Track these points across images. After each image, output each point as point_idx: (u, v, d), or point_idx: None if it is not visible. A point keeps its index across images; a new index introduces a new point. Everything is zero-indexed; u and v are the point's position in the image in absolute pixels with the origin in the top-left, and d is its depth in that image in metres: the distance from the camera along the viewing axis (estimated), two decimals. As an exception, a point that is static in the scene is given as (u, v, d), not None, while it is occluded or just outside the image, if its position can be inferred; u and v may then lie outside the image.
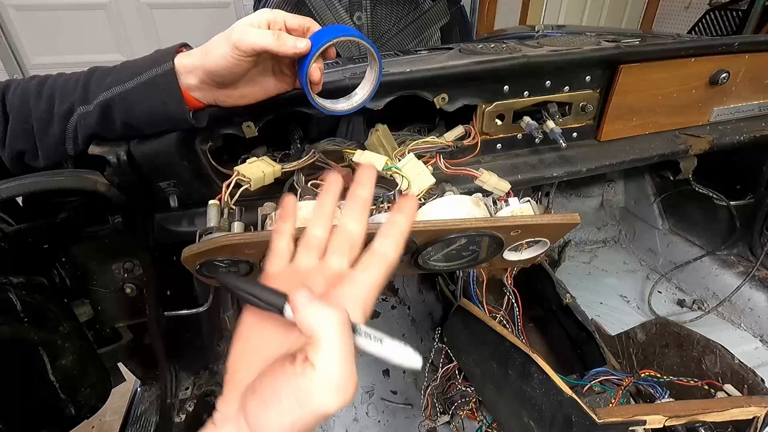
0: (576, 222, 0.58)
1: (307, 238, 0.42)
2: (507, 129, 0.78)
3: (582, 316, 0.96)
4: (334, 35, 0.52)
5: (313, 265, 0.40)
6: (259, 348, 0.36)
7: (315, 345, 0.30)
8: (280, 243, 0.43)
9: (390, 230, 0.39)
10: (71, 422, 0.69)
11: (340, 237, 0.41)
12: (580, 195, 1.49)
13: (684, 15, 3.37)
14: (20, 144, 0.56)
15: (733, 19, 2.97)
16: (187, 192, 0.65)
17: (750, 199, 1.12)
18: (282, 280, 0.40)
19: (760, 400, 0.66)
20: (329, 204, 0.43)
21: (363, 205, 0.42)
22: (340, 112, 0.59)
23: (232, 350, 0.37)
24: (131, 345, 0.81)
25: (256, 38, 0.49)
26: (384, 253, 0.38)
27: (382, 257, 0.38)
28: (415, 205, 0.42)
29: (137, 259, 0.71)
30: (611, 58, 0.77)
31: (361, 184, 0.42)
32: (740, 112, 0.94)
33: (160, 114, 0.54)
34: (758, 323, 1.12)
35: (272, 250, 0.43)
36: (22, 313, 0.60)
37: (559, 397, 0.68)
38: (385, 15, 1.69)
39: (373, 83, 0.58)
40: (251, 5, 1.97)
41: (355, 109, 0.59)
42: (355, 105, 0.59)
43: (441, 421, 0.99)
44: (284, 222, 0.44)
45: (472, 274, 0.97)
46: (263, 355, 0.35)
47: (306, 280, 0.39)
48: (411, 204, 0.41)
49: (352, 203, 0.42)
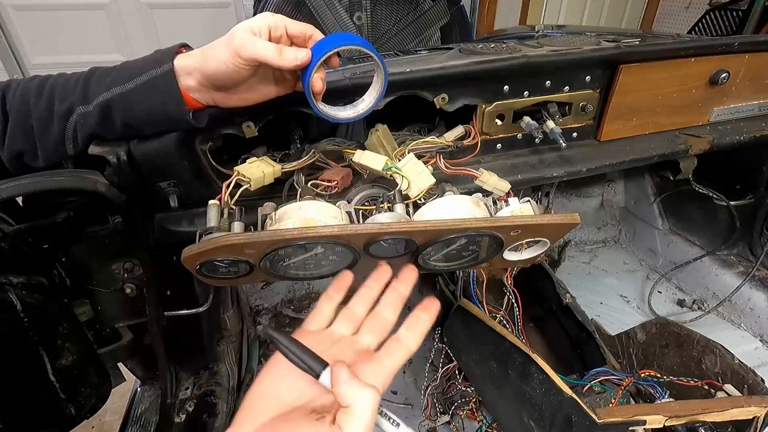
0: (576, 222, 0.58)
1: (348, 311, 0.49)
2: (507, 129, 0.78)
3: (582, 316, 0.96)
4: (334, 45, 0.51)
5: (347, 335, 0.47)
6: (282, 393, 0.40)
7: (348, 414, 0.36)
8: (325, 307, 0.50)
9: (416, 325, 0.46)
10: (71, 422, 0.69)
11: (376, 320, 0.48)
12: (580, 195, 1.49)
13: (684, 15, 3.37)
14: (20, 144, 0.56)
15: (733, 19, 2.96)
16: (187, 192, 0.65)
17: (750, 199, 1.12)
18: (316, 340, 0.45)
19: (760, 400, 0.66)
20: (375, 290, 0.51)
21: (400, 300, 0.50)
22: (345, 120, 0.59)
23: (255, 387, 0.41)
24: (131, 345, 0.81)
25: (257, 49, 0.49)
26: (407, 344, 0.45)
27: (406, 347, 0.45)
28: (437, 308, 0.49)
29: (137, 259, 0.71)
30: (611, 58, 0.77)
31: (404, 281, 0.51)
32: (740, 112, 0.94)
33: (159, 114, 0.54)
34: (758, 323, 1.12)
35: (316, 312, 0.49)
36: (22, 313, 0.60)
37: (559, 397, 0.68)
38: (385, 15, 1.69)
39: (379, 90, 0.58)
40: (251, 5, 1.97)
41: (362, 116, 0.59)
42: (361, 112, 0.59)
43: (441, 421, 0.99)
44: (336, 291, 0.51)
45: (472, 274, 0.97)
46: (283, 401, 0.39)
47: (337, 348, 0.45)
48: (436, 306, 0.49)
49: (393, 295, 0.50)
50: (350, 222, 0.59)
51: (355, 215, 0.62)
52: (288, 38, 0.53)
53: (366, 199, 0.67)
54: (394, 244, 0.58)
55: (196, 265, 0.55)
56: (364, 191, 0.67)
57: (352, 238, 0.51)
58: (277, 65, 0.50)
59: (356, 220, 0.62)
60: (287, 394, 0.40)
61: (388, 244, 0.57)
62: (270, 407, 0.39)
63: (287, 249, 0.53)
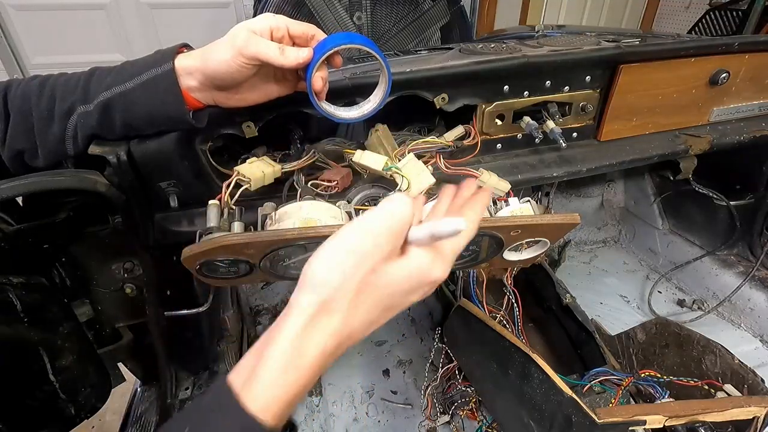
0: (576, 222, 0.58)
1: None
2: (507, 129, 0.78)
3: (582, 316, 0.96)
4: (335, 44, 0.51)
5: None
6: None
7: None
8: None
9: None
10: (71, 422, 0.69)
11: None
12: (580, 195, 1.49)
13: (684, 15, 3.37)
14: (20, 143, 0.56)
15: (733, 19, 2.96)
16: (187, 192, 0.65)
17: (750, 199, 1.12)
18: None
19: (760, 400, 0.66)
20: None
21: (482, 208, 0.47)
22: (349, 120, 0.59)
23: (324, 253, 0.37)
24: (131, 345, 0.81)
25: (259, 48, 0.49)
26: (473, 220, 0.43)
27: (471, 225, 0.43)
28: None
29: (137, 259, 0.71)
30: (611, 58, 0.77)
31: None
32: (740, 112, 0.94)
33: (159, 114, 0.54)
34: (758, 323, 1.12)
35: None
36: (22, 313, 0.60)
37: (559, 397, 0.68)
38: (385, 15, 1.69)
39: (384, 90, 0.58)
40: (251, 5, 1.97)
41: (366, 117, 0.59)
42: (366, 113, 0.59)
43: (441, 421, 0.99)
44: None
45: (472, 274, 0.97)
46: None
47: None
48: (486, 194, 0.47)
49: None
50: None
51: (355, 215, 0.62)
52: (290, 39, 0.53)
53: (366, 199, 0.67)
54: (394, 244, 0.58)
55: (196, 265, 0.55)
56: (364, 191, 0.67)
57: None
58: (279, 64, 0.50)
59: (356, 220, 0.62)
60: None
61: (388, 244, 0.57)
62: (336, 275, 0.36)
63: (287, 249, 0.53)
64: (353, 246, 0.37)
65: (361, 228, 0.37)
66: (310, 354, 0.35)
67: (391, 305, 0.39)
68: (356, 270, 0.36)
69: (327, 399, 1.10)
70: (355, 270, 0.36)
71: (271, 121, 0.64)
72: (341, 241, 0.37)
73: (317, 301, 0.35)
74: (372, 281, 0.37)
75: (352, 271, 0.36)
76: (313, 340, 0.35)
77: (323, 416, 1.06)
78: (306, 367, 0.35)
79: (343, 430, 1.04)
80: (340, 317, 0.36)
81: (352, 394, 1.11)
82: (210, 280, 0.60)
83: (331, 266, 0.36)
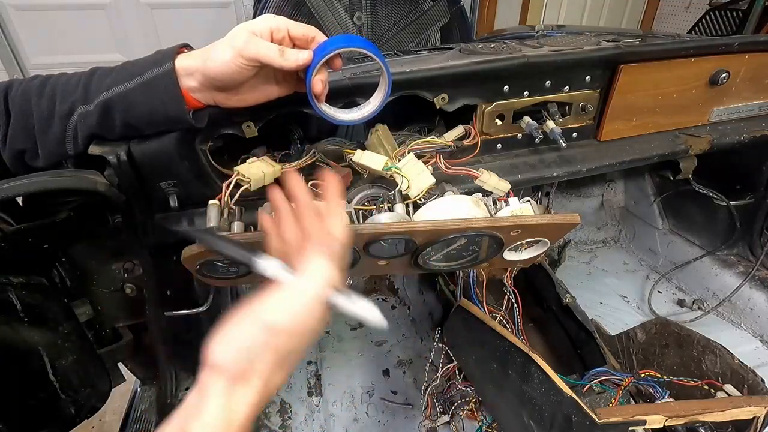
0: (576, 222, 0.58)
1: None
2: (507, 129, 0.78)
3: (582, 316, 0.96)
4: (336, 47, 0.51)
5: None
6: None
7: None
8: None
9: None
10: (71, 422, 0.69)
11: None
12: (580, 195, 1.49)
13: (684, 15, 3.37)
14: (21, 143, 0.56)
15: (733, 19, 2.96)
16: (187, 192, 0.65)
17: (750, 199, 1.12)
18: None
19: (760, 400, 0.66)
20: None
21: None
22: (349, 122, 0.59)
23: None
24: (131, 345, 0.81)
25: (259, 49, 0.49)
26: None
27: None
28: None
29: (137, 259, 0.71)
30: (611, 58, 0.77)
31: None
32: (740, 112, 0.94)
33: (159, 114, 0.54)
34: (758, 323, 1.12)
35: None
36: (22, 313, 0.60)
37: (559, 397, 0.68)
38: (385, 15, 1.69)
39: (384, 92, 0.58)
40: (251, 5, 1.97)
41: (366, 119, 0.59)
42: (366, 115, 0.59)
43: (441, 421, 0.99)
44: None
45: (472, 274, 0.97)
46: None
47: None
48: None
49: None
50: (350, 222, 0.59)
51: (355, 215, 0.62)
52: (290, 40, 0.53)
53: (366, 199, 0.67)
54: (394, 244, 0.58)
55: (196, 265, 0.55)
56: (364, 191, 0.67)
57: (352, 238, 0.51)
58: (278, 65, 0.50)
59: (356, 220, 0.62)
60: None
61: (388, 244, 0.58)
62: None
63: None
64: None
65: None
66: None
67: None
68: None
69: (327, 399, 1.10)
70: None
71: (271, 121, 0.64)
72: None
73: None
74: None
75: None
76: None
77: (323, 416, 1.06)
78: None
79: (343, 430, 1.04)
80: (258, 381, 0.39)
81: (352, 394, 1.11)
82: (210, 280, 0.60)
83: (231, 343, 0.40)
